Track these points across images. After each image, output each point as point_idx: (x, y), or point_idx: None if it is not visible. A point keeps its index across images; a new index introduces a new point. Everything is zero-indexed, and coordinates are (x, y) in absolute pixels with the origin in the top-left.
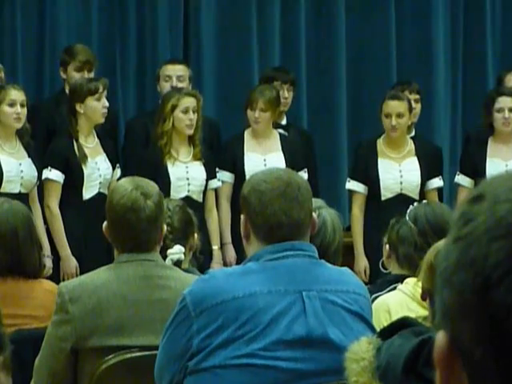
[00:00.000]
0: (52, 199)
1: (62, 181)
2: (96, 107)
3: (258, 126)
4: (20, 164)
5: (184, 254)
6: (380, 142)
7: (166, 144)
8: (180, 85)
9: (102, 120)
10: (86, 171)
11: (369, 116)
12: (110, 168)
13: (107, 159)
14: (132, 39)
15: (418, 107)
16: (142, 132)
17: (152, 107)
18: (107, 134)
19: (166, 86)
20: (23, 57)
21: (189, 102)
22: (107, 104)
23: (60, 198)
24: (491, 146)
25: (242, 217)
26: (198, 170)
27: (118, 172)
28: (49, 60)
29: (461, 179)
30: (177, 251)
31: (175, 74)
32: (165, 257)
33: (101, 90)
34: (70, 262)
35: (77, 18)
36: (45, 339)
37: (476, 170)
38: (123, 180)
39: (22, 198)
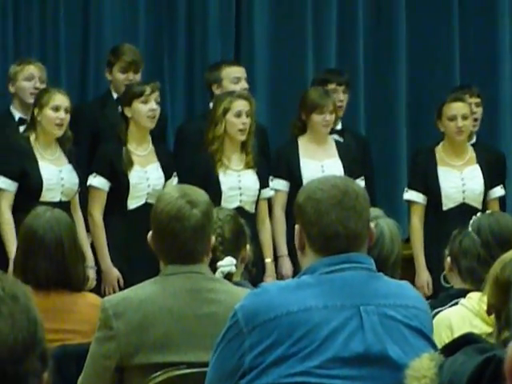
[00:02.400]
0: (95, 207)
1: (106, 188)
2: (141, 110)
3: (328, 130)
4: (60, 171)
5: (235, 266)
6: (439, 150)
7: (218, 150)
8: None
9: (150, 124)
10: (131, 180)
11: (429, 122)
12: (163, 178)
13: (160, 168)
14: (181, 40)
15: (478, 111)
16: (194, 137)
17: (202, 111)
18: (155, 140)
19: (235, 88)
20: (66, 58)
21: (242, 105)
22: (155, 107)
23: (106, 207)
24: None
25: (297, 227)
26: (250, 179)
27: (175, 181)
28: (93, 61)
29: None
30: (228, 263)
31: (243, 75)
32: (215, 269)
33: (147, 92)
34: (111, 274)
35: (123, 18)
36: (88, 356)
37: None
38: (170, 188)
39: (63, 206)
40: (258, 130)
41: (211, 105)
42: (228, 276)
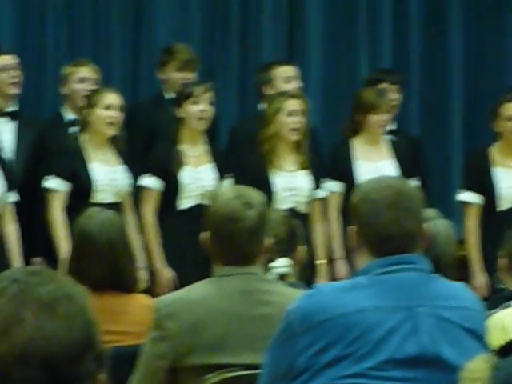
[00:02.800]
0: (147, 208)
1: (158, 188)
2: (192, 111)
3: (383, 130)
4: (113, 172)
5: (289, 267)
6: (494, 150)
7: (270, 151)
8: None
9: (200, 125)
10: (182, 180)
11: (484, 122)
12: (216, 179)
13: (215, 169)
14: (233, 40)
15: None
16: (247, 138)
17: (255, 112)
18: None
19: (287, 88)
20: (118, 58)
21: (294, 104)
22: (205, 108)
23: (157, 207)
24: None
25: (351, 227)
26: (304, 180)
27: (228, 182)
28: (145, 61)
29: None
30: (282, 264)
31: (296, 75)
32: (269, 270)
33: (197, 93)
34: (164, 275)
35: (175, 18)
36: (141, 357)
37: None
38: (226, 188)
39: (115, 207)
40: (309, 130)
41: (262, 106)
42: (282, 277)
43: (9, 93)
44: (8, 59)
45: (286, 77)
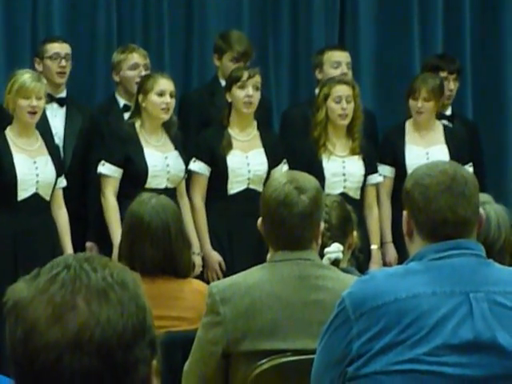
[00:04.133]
0: (196, 192)
1: (207, 173)
2: (238, 96)
3: (421, 117)
4: (166, 157)
5: (342, 252)
6: None
7: (320, 136)
8: (349, 73)
9: (246, 110)
10: (230, 164)
11: None
12: (265, 164)
13: (264, 154)
14: (285, 25)
15: None
16: (299, 123)
17: (307, 97)
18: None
19: (335, 73)
20: (170, 43)
21: (342, 90)
22: (251, 93)
23: (206, 192)
24: None
25: (405, 213)
26: (356, 166)
27: (285, 168)
28: (197, 46)
29: None
30: (335, 250)
31: (345, 60)
32: (322, 255)
33: (245, 77)
34: (212, 257)
35: (227, 2)
36: (195, 342)
37: None
38: (280, 173)
39: (169, 193)
40: (365, 115)
41: (317, 91)
42: (335, 262)
43: (55, 81)
44: (59, 47)
45: (334, 61)
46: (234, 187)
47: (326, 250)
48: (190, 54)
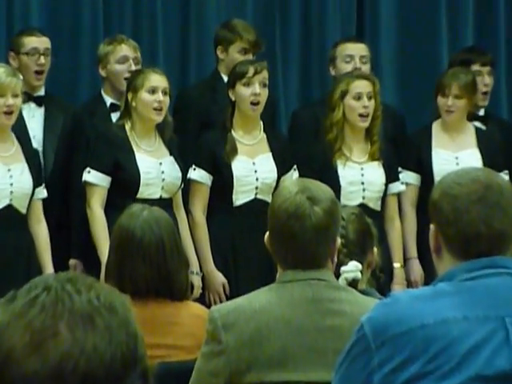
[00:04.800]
0: (196, 204)
1: (208, 182)
2: (243, 94)
3: (451, 116)
4: (160, 164)
5: (361, 272)
6: None
7: (336, 139)
8: (363, 67)
9: (252, 111)
10: (236, 172)
11: None
12: (274, 171)
13: (272, 159)
14: (295, 15)
15: None
16: (310, 125)
17: (319, 95)
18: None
19: (347, 68)
20: (164, 34)
21: (362, 86)
22: (258, 91)
23: (208, 203)
24: None
25: (432, 226)
26: (375, 173)
27: (295, 175)
28: (195, 38)
29: None
30: (352, 269)
31: (359, 53)
32: (338, 275)
33: (250, 73)
34: (215, 278)
35: None
36: (193, 374)
37: None
38: (289, 181)
39: (164, 204)
40: (392, 115)
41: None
42: (353, 283)
43: (32, 82)
44: (38, 42)
45: (346, 55)
46: (240, 198)
47: (343, 269)
48: (187, 45)
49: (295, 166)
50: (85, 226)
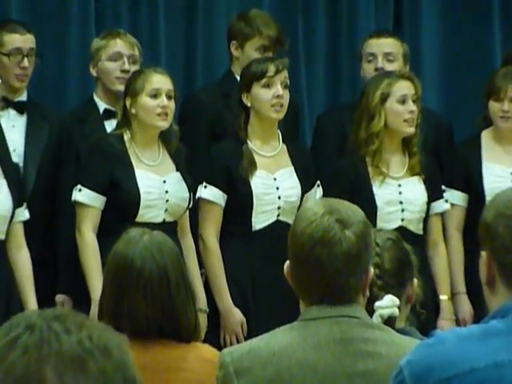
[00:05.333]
0: (207, 227)
1: (222, 202)
2: (263, 97)
3: (507, 124)
4: (164, 181)
5: (399, 307)
6: None
7: (376, 153)
8: (389, 67)
9: (276, 115)
10: (255, 189)
11: None
12: (298, 187)
13: (295, 174)
14: (320, 5)
15: None
16: (337, 133)
17: (349, 99)
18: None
19: (368, 69)
20: (166, 28)
21: (406, 87)
22: (281, 92)
23: (223, 227)
24: None
25: (483, 254)
26: (416, 190)
27: (319, 193)
28: (202, 33)
29: None
30: (388, 304)
31: (382, 50)
32: (371, 312)
33: (271, 72)
34: (233, 317)
35: None
36: None
37: None
38: (313, 202)
39: (168, 228)
40: (435, 122)
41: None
42: (389, 321)
43: (13, 85)
44: (22, 41)
45: (367, 53)
46: (261, 220)
47: (377, 304)
48: (194, 42)
49: (319, 182)
50: (74, 255)
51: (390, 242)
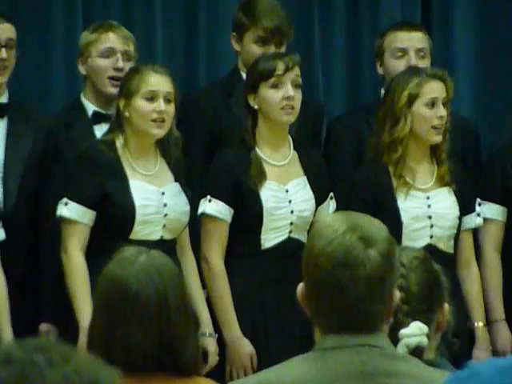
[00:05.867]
0: (212, 247)
1: (228, 218)
2: (271, 99)
3: None
4: (163, 193)
5: (427, 336)
6: None
7: (399, 161)
8: (420, 64)
9: (286, 119)
10: (265, 203)
11: None
12: (312, 200)
13: (309, 185)
14: None
15: None
16: (352, 140)
17: (372, 100)
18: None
19: (398, 67)
20: (163, 21)
21: (437, 89)
22: (292, 93)
23: (228, 246)
24: None
25: None
26: (446, 203)
27: (332, 206)
28: (204, 25)
29: None
30: (416, 332)
31: (414, 46)
32: (396, 340)
33: (280, 71)
34: (241, 348)
35: None
36: None
37: None
38: (332, 217)
39: (166, 247)
40: (462, 127)
41: (382, 92)
42: (416, 351)
43: None
44: None
45: (396, 48)
46: (271, 237)
47: (403, 332)
48: (195, 36)
49: (331, 194)
50: (59, 278)
51: (417, 261)
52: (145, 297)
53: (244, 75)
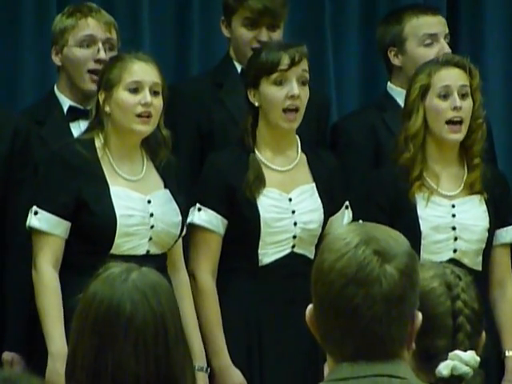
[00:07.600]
0: (201, 263)
1: (221, 230)
2: (273, 97)
3: None
4: (149, 202)
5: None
6: None
7: (415, 161)
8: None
9: (287, 121)
10: (263, 213)
11: None
12: (321, 210)
13: (317, 194)
14: None
15: None
16: (368, 140)
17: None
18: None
19: (429, 54)
20: (150, 3)
21: (452, 76)
22: (297, 91)
23: (220, 262)
24: None
25: None
26: (474, 213)
27: (347, 217)
28: (198, 8)
29: None
30: (470, 361)
31: (444, 31)
32: (444, 358)
33: (284, 65)
34: (230, 378)
35: None
36: None
37: None
38: (343, 228)
39: (153, 262)
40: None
41: (389, 85)
42: (456, 380)
43: None
44: None
45: (425, 34)
46: (270, 252)
47: (458, 353)
48: (187, 20)
49: (347, 203)
50: (27, 298)
51: (469, 276)
52: (140, 319)
53: (237, 65)
